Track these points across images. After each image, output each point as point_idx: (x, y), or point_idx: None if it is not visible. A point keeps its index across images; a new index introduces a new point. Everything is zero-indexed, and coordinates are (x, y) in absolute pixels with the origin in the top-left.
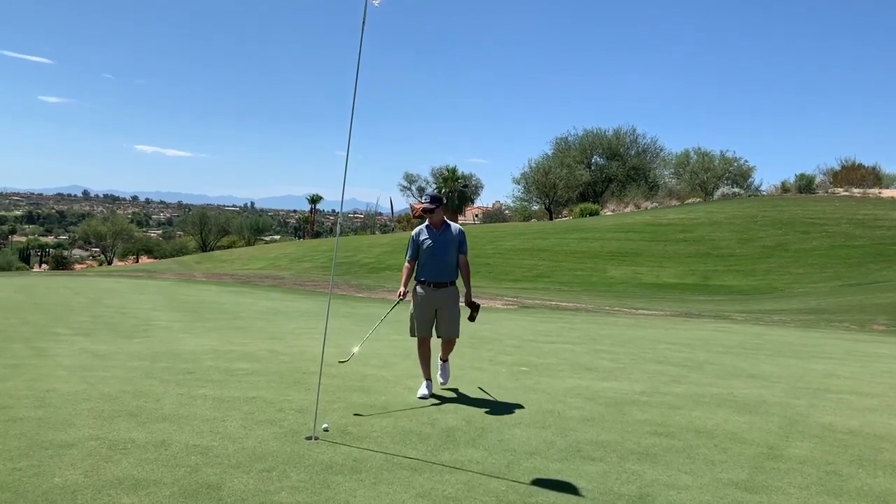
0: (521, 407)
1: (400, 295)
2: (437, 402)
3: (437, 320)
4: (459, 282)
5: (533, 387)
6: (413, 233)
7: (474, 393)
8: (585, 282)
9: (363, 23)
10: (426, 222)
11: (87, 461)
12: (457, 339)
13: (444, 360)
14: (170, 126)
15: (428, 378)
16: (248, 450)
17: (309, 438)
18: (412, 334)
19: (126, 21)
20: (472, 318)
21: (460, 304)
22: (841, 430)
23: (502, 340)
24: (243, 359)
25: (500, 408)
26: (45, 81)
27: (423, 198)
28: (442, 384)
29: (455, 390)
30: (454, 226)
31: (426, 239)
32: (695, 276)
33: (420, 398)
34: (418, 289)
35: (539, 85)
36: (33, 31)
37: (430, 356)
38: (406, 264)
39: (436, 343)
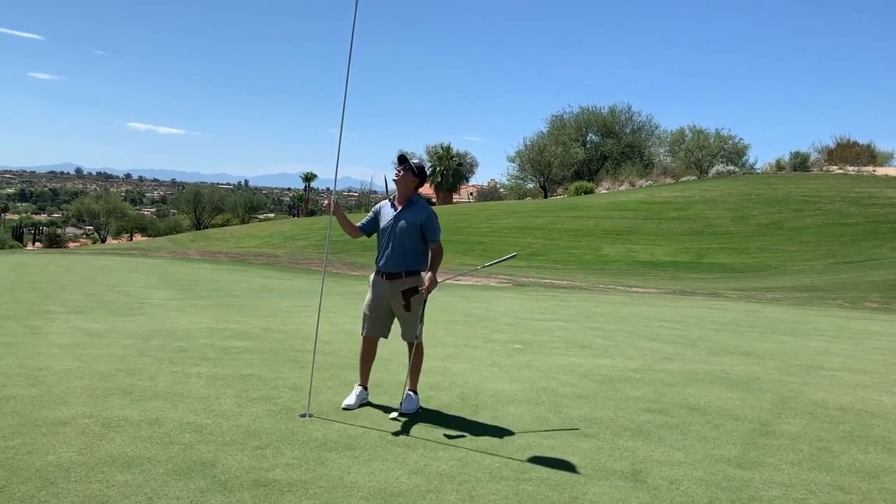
0: (515, 384)
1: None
2: (432, 380)
3: (397, 319)
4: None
5: (527, 364)
6: (377, 205)
7: (468, 370)
8: (580, 260)
9: (353, 23)
10: (393, 195)
11: (81, 439)
12: (422, 359)
13: (411, 389)
14: (163, 103)
15: (363, 384)
16: (242, 427)
17: (303, 416)
18: (361, 331)
19: None
20: (406, 305)
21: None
22: (833, 406)
23: (496, 318)
24: (237, 337)
25: (494, 385)
26: (36, 58)
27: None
28: (394, 415)
29: (450, 368)
30: (421, 205)
31: (385, 217)
32: (689, 253)
33: (344, 408)
34: (374, 279)
35: (535, 61)
36: (23, 6)
37: (372, 357)
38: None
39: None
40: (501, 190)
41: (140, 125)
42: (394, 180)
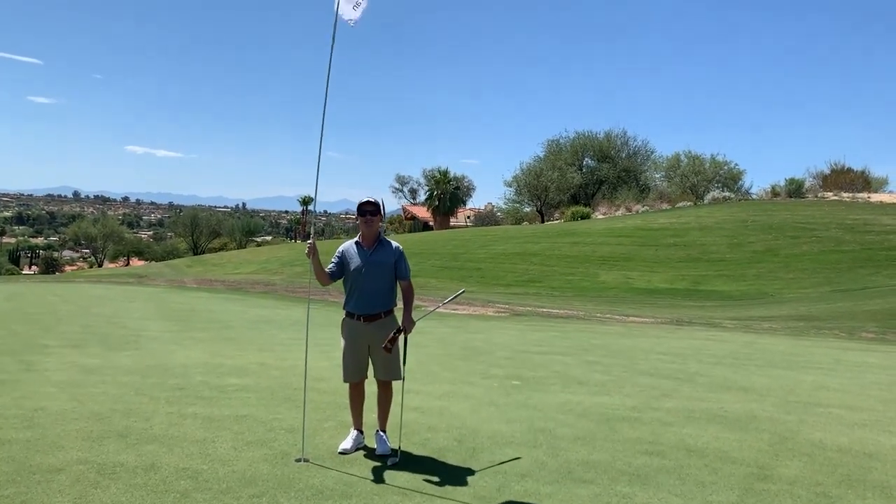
0: (512, 424)
1: (309, 247)
2: (429, 420)
3: (372, 359)
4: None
5: (524, 402)
6: (340, 247)
7: (466, 410)
8: (577, 287)
9: (332, 40)
10: (357, 236)
11: (76, 487)
12: (393, 394)
13: (382, 429)
14: (160, 127)
15: (358, 428)
16: (238, 473)
17: (299, 461)
18: (344, 379)
19: (116, 21)
20: (387, 349)
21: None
22: (831, 447)
23: (494, 352)
24: (234, 373)
25: (491, 426)
26: (34, 82)
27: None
28: (392, 462)
29: (447, 408)
30: (391, 243)
31: (353, 259)
32: (685, 281)
33: (340, 453)
34: (346, 323)
35: (531, 86)
36: (23, 31)
37: (362, 400)
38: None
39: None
40: (499, 214)
41: (138, 148)
42: (361, 224)
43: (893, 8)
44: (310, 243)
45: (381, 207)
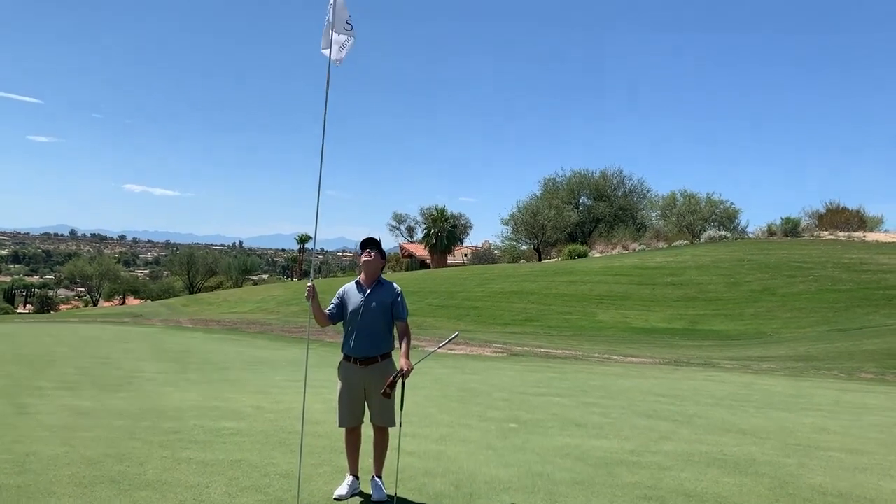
0: (510, 469)
1: (308, 290)
2: (425, 465)
3: (368, 404)
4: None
5: (522, 446)
6: (341, 288)
7: (463, 454)
8: (575, 326)
9: (327, 82)
10: (358, 277)
11: None
12: (389, 440)
13: (378, 475)
14: (158, 165)
15: (354, 473)
16: None
17: None
18: (340, 423)
19: (115, 61)
20: (386, 394)
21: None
22: (831, 492)
23: (491, 393)
24: (228, 416)
25: (489, 471)
26: (34, 121)
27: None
28: (373, 499)
29: (444, 452)
30: (390, 284)
31: (352, 299)
32: (683, 320)
33: (336, 499)
34: (343, 366)
35: (527, 124)
36: (24, 71)
37: (358, 445)
38: (324, 311)
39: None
40: (496, 252)
41: (136, 187)
42: (365, 261)
43: (887, 48)
44: (309, 286)
45: (379, 246)
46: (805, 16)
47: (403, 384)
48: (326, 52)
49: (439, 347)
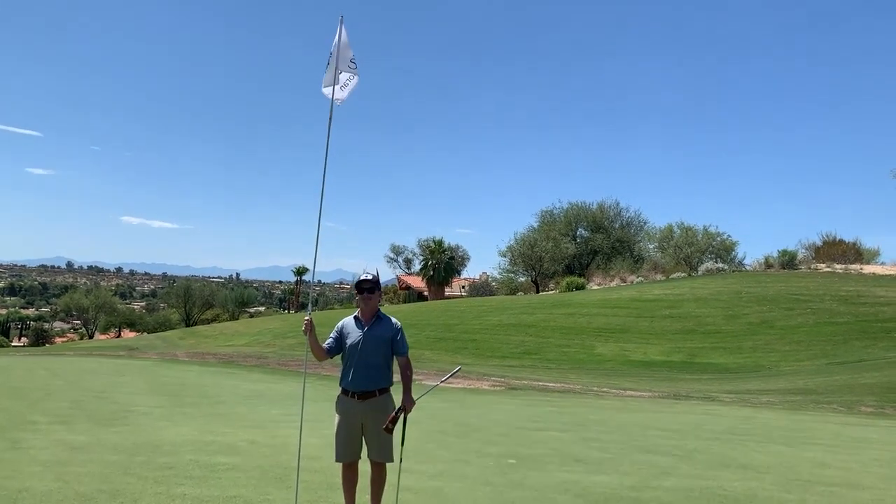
0: None
1: (306, 324)
2: (423, 502)
3: (366, 439)
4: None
5: (521, 482)
6: (339, 322)
7: (461, 491)
8: (573, 359)
9: (329, 121)
10: (356, 312)
11: None
12: (387, 476)
13: None
14: (156, 198)
15: None
16: None
17: None
18: (337, 459)
19: (115, 93)
20: (388, 430)
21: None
22: None
23: (489, 428)
24: (224, 451)
25: None
26: (33, 153)
27: (363, 274)
28: None
29: (441, 489)
30: (389, 319)
31: (351, 334)
32: (682, 353)
33: None
34: (341, 400)
35: (523, 155)
36: (23, 104)
37: (355, 481)
38: (322, 344)
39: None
40: (493, 284)
41: (133, 219)
42: (365, 299)
43: (881, 84)
44: (307, 319)
45: (379, 283)
46: (800, 47)
47: (405, 420)
48: (327, 90)
49: (442, 382)
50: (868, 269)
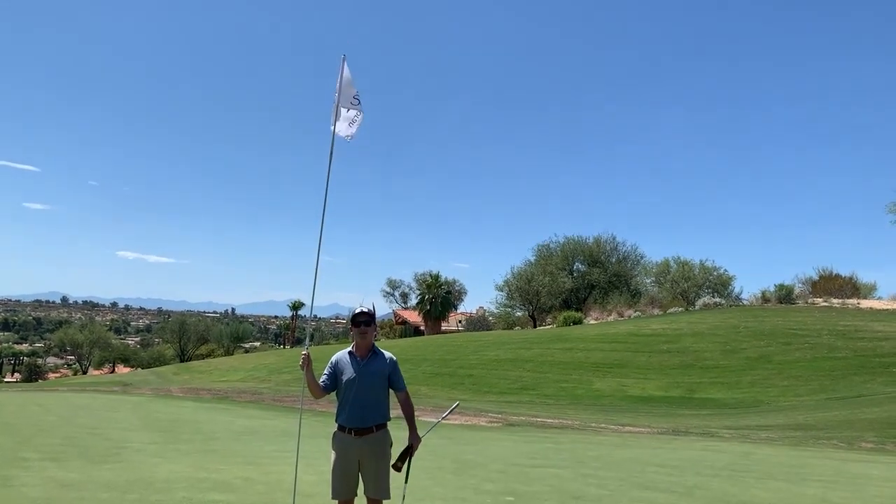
0: None
1: (303, 359)
2: None
3: (362, 475)
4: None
5: None
6: (333, 358)
7: None
8: (571, 394)
9: (330, 155)
10: (350, 347)
11: None
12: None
13: None
14: (153, 232)
15: None
16: None
17: None
18: (333, 496)
19: (112, 129)
20: (397, 468)
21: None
22: None
23: (487, 465)
24: (217, 488)
25: None
26: (31, 188)
27: (359, 308)
28: None
29: None
30: (384, 353)
31: (346, 369)
32: (680, 388)
33: None
34: (338, 437)
35: (519, 190)
36: (23, 138)
37: None
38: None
39: None
40: (490, 318)
41: (129, 254)
42: (361, 333)
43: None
44: (304, 354)
45: (374, 318)
46: (793, 84)
47: (410, 457)
48: (335, 128)
49: (443, 418)
50: (865, 303)
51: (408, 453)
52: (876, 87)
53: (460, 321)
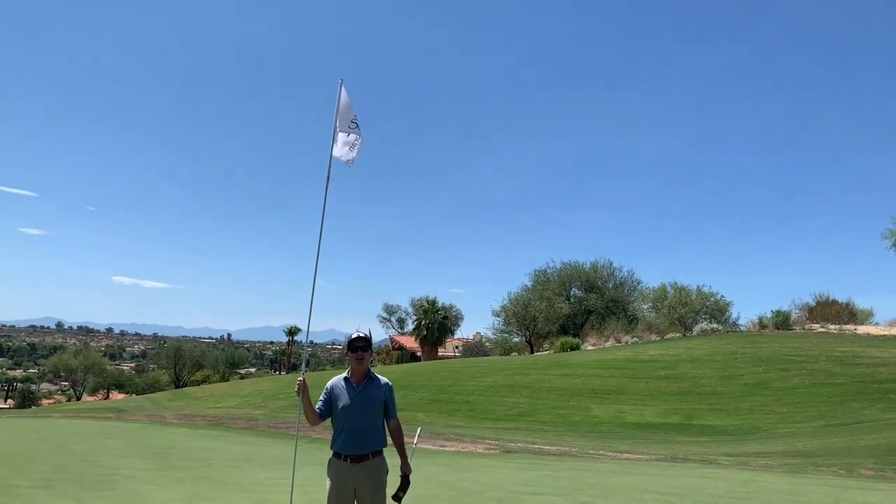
0: None
1: (299, 384)
2: None
3: (358, 502)
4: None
5: None
6: (328, 384)
7: None
8: (568, 421)
9: (327, 180)
10: (346, 372)
11: None
12: None
13: None
14: (149, 258)
15: None
16: None
17: None
18: None
19: (111, 155)
20: (398, 498)
21: (388, 478)
22: None
23: (483, 492)
24: None
25: None
26: (28, 214)
27: (356, 333)
28: None
29: None
30: (380, 379)
31: (342, 396)
32: (678, 415)
33: None
34: (333, 464)
35: (515, 215)
36: (20, 164)
37: None
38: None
39: None
40: (487, 344)
41: (125, 279)
42: (357, 358)
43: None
44: (300, 380)
45: (371, 344)
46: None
47: (400, 497)
48: (335, 152)
49: (415, 444)
50: (862, 329)
51: (408, 483)
52: (863, 106)
53: (457, 347)
